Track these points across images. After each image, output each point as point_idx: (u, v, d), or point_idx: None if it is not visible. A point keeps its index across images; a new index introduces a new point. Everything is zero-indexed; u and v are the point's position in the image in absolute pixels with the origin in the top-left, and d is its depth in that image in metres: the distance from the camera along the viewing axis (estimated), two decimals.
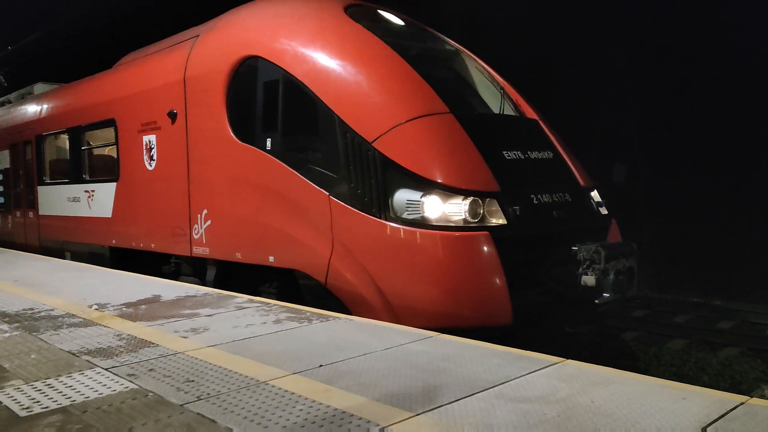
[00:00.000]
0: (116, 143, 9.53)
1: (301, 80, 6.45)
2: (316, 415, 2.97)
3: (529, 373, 3.55)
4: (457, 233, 5.49)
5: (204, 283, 7.78)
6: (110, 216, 9.76)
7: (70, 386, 3.51)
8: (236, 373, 3.67)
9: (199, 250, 7.81)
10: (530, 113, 7.32)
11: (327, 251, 6.08)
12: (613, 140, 19.90)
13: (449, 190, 5.61)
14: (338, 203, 6.01)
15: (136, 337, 4.63)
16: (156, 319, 5.24)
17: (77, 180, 10.81)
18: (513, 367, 3.67)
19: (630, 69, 19.42)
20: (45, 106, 12.22)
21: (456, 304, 5.42)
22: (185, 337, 4.57)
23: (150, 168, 8.75)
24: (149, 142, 8.71)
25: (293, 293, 6.64)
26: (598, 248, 5.76)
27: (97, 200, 10.11)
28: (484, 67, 7.69)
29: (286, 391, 3.33)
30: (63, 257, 10.98)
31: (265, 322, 5.00)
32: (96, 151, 10.91)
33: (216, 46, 7.69)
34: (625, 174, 19.52)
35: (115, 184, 9.62)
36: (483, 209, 5.61)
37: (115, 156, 9.59)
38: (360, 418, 2.91)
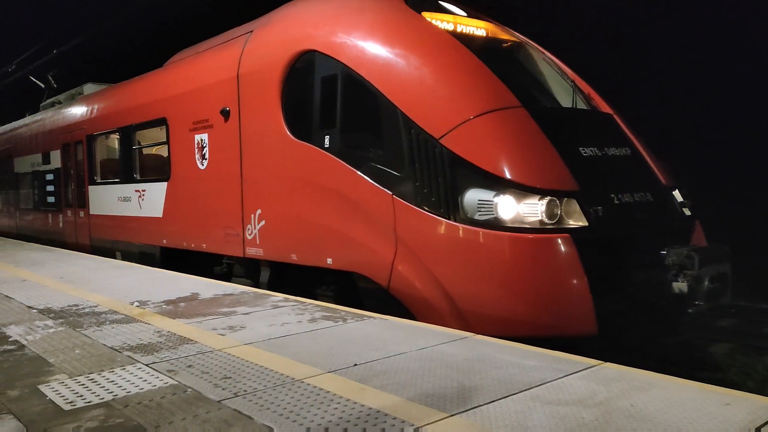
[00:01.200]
0: (167, 142, 9.46)
1: (361, 75, 6.19)
2: (351, 414, 2.98)
3: (566, 376, 3.49)
4: (536, 235, 5.17)
5: (257, 285, 7.64)
6: (161, 216, 9.70)
7: (113, 381, 3.61)
8: (272, 370, 3.71)
9: (252, 251, 7.64)
10: (604, 107, 6.94)
11: (390, 253, 5.83)
12: (702, 137, 18.80)
13: (525, 190, 5.26)
14: (402, 203, 5.75)
15: (175, 334, 4.73)
16: (194, 316, 5.34)
17: (128, 180, 10.81)
18: (549, 369, 3.61)
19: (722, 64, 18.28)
20: (96, 106, 12.29)
21: (534, 311, 5.10)
22: (222, 335, 4.64)
23: (201, 167, 8.63)
24: (201, 140, 8.61)
25: (352, 296, 6.43)
26: (691, 252, 5.38)
27: (148, 200, 10.07)
28: (551, 59, 7.32)
29: (321, 389, 3.35)
30: (113, 257, 11.04)
31: (300, 321, 5.04)
32: (147, 151, 10.95)
33: (271, 42, 7.51)
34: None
35: (165, 183, 9.56)
36: (560, 210, 5.28)
37: (166, 155, 9.55)
38: (395, 418, 2.91)
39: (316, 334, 4.59)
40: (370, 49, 6.24)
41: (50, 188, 14.29)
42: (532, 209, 5.25)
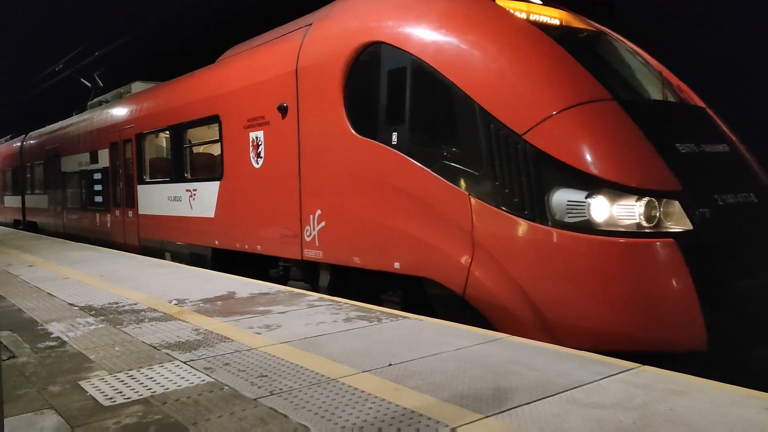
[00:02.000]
0: (220, 140, 9.13)
1: (434, 66, 5.77)
2: (386, 414, 2.98)
3: (603, 378, 3.43)
4: (638, 240, 4.70)
5: (315, 289, 7.33)
6: (213, 216, 9.34)
7: (151, 378, 3.68)
8: (307, 369, 3.74)
9: (311, 254, 7.26)
10: (695, 100, 6.42)
11: (466, 258, 5.41)
12: None
13: (621, 189, 4.80)
14: (480, 204, 5.32)
15: (212, 332, 4.80)
16: (231, 315, 5.42)
17: (178, 179, 10.49)
18: (586, 372, 3.55)
19: None
20: (145, 104, 12.03)
21: (635, 324, 4.65)
22: (259, 333, 4.70)
23: (257, 166, 8.26)
24: (256, 138, 8.23)
25: (420, 303, 6.07)
26: None
27: (199, 200, 9.74)
28: (633, 49, 6.80)
29: (356, 389, 3.36)
30: (162, 258, 10.82)
31: (335, 320, 5.07)
32: (198, 149, 10.68)
33: (332, 34, 7.11)
34: None
35: (218, 183, 9.20)
36: (659, 212, 4.84)
37: (219, 154, 9.26)
38: (429, 418, 2.90)
39: (351, 334, 4.61)
40: (443, 39, 5.81)
41: (98, 188, 14.15)
42: (628, 211, 4.80)
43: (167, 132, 10.98)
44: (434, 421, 2.86)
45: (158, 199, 11.16)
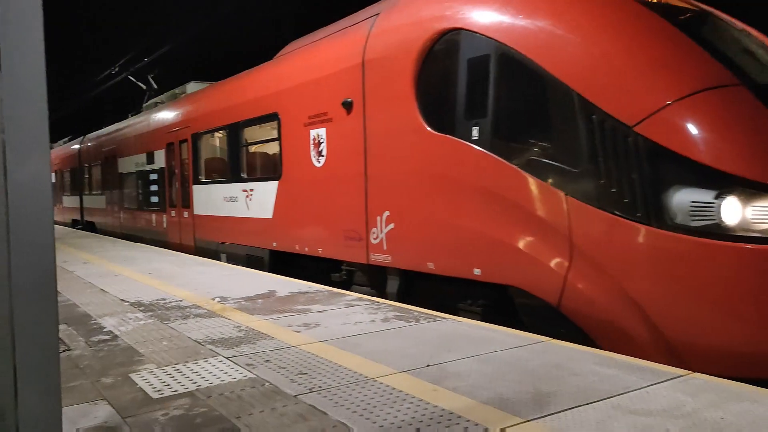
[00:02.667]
0: (279, 139, 8.80)
1: (523, 53, 5.20)
2: (424, 414, 2.98)
3: (651, 385, 3.34)
4: None
5: (382, 295, 6.89)
6: (271, 217, 9.01)
7: (196, 372, 3.78)
8: (346, 368, 3.77)
9: (378, 258, 6.80)
10: None
11: (562, 265, 4.87)
12: None
13: (757, 188, 4.15)
14: (581, 205, 4.75)
15: (253, 329, 4.89)
16: (271, 313, 5.51)
17: (235, 179, 10.22)
18: (632, 378, 3.46)
19: None
20: (202, 104, 11.89)
21: None
22: (298, 332, 4.76)
23: (318, 164, 7.86)
24: (318, 136, 7.84)
25: (505, 313, 5.56)
26: None
27: (256, 200, 9.45)
28: (747, 30, 6.08)
29: (394, 388, 3.37)
30: (218, 259, 10.63)
31: (373, 320, 5.09)
32: (256, 148, 10.44)
33: (403, 23, 6.62)
34: None
35: (276, 182, 8.86)
36: None
37: (277, 152, 8.97)
38: (468, 420, 2.88)
39: (389, 334, 4.62)
40: (533, 22, 5.25)
41: (154, 188, 14.12)
42: (766, 213, 4.15)
43: (224, 131, 10.79)
44: (473, 424, 2.85)
45: (214, 199, 10.97)
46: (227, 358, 4.07)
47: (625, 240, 4.51)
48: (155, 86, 18.62)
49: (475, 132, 5.62)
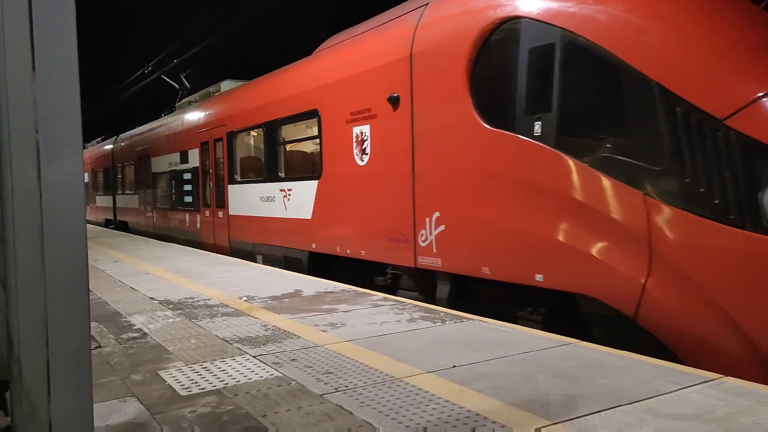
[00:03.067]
0: (319, 136, 8.43)
1: (594, 41, 4.82)
2: (450, 416, 2.96)
3: (682, 389, 3.27)
4: None
5: (431, 300, 6.51)
6: (310, 217, 8.66)
7: (224, 370, 3.82)
8: (372, 368, 3.77)
9: (427, 261, 6.45)
10: None
11: (640, 272, 4.47)
12: None
13: None
14: (662, 206, 4.34)
15: (280, 328, 4.93)
16: (298, 312, 5.54)
17: (272, 178, 9.89)
18: (663, 381, 3.40)
19: None
20: (237, 102, 11.58)
21: None
22: (324, 331, 4.78)
23: (361, 163, 7.50)
24: (361, 133, 7.47)
25: (570, 322, 5.21)
26: None
27: (295, 200, 9.11)
28: None
29: (420, 389, 3.36)
30: (254, 260, 10.33)
31: (399, 320, 5.09)
32: (294, 147, 10.21)
33: (456, 12, 6.26)
34: None
35: (316, 182, 8.49)
36: None
37: (317, 151, 8.65)
38: (494, 422, 2.86)
39: (415, 334, 4.61)
40: (605, 8, 4.87)
41: (188, 187, 13.91)
42: None
43: (260, 130, 10.45)
44: (500, 425, 2.82)
45: (250, 199, 10.67)
46: (254, 357, 4.10)
47: (715, 245, 4.10)
48: (188, 85, 18.59)
49: (537, 128, 5.24)
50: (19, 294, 1.86)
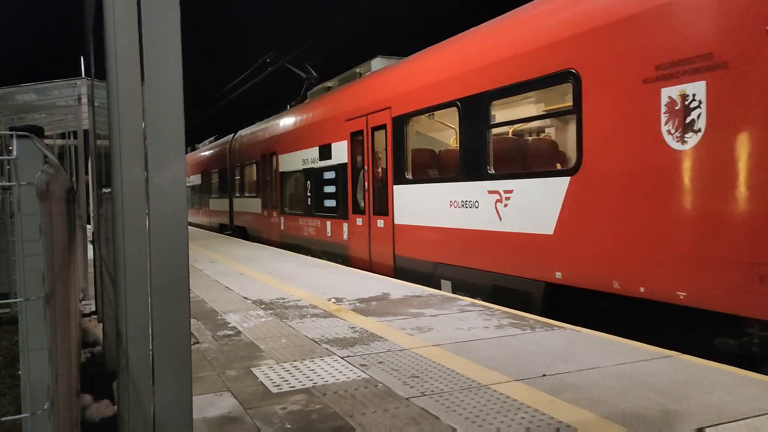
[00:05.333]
0: (576, 110, 5.82)
1: None
2: (539, 426, 2.88)
3: None
4: None
5: None
6: (552, 232, 6.07)
7: (312, 370, 3.92)
8: (458, 373, 3.73)
9: None
10: None
11: None
12: None
13: None
14: None
15: (367, 330, 4.99)
16: (385, 315, 5.59)
17: (473, 176, 7.37)
18: None
19: None
20: (410, 77, 8.95)
21: None
22: (411, 335, 4.79)
23: (681, 146, 4.82)
24: (683, 97, 4.83)
25: None
26: None
27: (519, 206, 6.57)
28: None
29: (508, 396, 3.29)
30: (436, 285, 8.03)
31: (487, 327, 5.01)
32: (515, 129, 8.01)
33: None
34: None
35: (566, 179, 5.94)
36: None
37: (567, 132, 6.71)
38: None
39: (503, 341, 4.52)
40: None
41: (329, 189, 11.51)
42: None
43: (452, 109, 7.82)
44: None
45: (431, 204, 8.20)
46: (342, 358, 4.18)
47: None
48: (315, 74, 16.69)
49: None
50: (127, 291, 2.00)
